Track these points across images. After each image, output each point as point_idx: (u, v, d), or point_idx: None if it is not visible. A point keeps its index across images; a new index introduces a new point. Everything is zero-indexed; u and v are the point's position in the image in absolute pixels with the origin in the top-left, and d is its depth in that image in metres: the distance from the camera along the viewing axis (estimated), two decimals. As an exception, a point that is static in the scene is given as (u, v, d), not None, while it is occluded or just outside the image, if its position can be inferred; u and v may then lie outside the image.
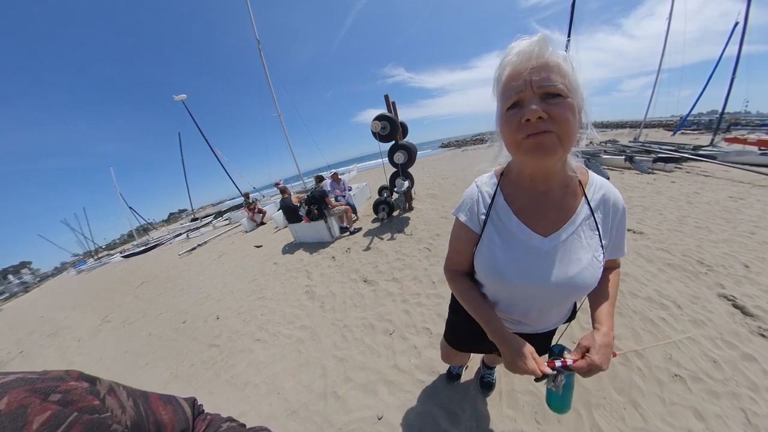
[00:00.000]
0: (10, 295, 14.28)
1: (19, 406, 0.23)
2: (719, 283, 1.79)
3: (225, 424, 0.41)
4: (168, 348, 2.40)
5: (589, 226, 0.54)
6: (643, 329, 1.51)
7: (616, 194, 0.55)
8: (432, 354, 1.57)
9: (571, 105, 0.42)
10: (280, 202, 4.49)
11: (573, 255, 0.53)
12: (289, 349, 1.92)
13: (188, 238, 9.09)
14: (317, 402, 1.45)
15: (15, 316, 6.27)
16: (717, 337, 1.41)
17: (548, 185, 0.53)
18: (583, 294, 0.56)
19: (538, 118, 0.41)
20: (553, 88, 0.41)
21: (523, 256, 0.55)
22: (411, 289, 2.27)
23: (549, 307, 0.63)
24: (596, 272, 0.53)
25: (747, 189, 3.57)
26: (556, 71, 0.41)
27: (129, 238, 24.30)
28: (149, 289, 4.44)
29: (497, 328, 0.58)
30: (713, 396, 1.14)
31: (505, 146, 0.50)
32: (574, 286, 0.53)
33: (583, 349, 0.52)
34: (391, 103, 3.92)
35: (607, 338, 0.53)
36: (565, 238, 0.53)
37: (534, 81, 0.41)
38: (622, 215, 0.55)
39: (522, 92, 0.42)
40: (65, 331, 3.74)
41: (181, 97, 11.17)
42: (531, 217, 0.55)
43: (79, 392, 0.28)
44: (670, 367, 1.28)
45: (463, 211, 0.63)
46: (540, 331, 0.69)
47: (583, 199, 0.54)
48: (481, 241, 0.60)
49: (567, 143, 0.43)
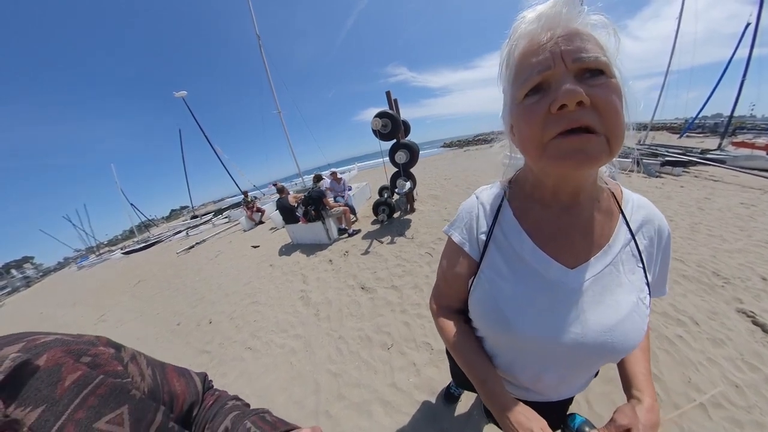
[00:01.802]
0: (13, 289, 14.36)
1: (56, 364, 0.26)
2: (737, 298, 1.69)
3: (231, 401, 0.43)
4: (163, 350, 2.36)
5: (629, 255, 0.40)
6: (660, 348, 1.41)
7: (660, 216, 0.43)
8: (432, 372, 1.48)
9: (618, 89, 0.30)
10: (277, 201, 4.40)
11: (610, 297, 0.38)
12: (282, 360, 1.83)
13: (188, 236, 9.06)
14: (308, 420, 1.36)
15: (16, 312, 6.30)
16: (738, 357, 1.31)
17: (576, 199, 0.39)
18: (621, 356, 0.40)
19: (578, 104, 0.28)
20: (593, 61, 0.28)
21: (537, 295, 0.40)
22: (411, 298, 2.18)
23: (570, 371, 0.45)
24: (642, 323, 0.39)
25: (758, 195, 3.47)
26: (594, 41, 0.29)
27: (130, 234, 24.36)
28: (146, 288, 4.40)
29: (496, 391, 0.43)
30: (736, 425, 1.05)
31: (521, 149, 0.37)
32: (612, 343, 0.38)
33: (619, 429, 0.37)
34: (393, 100, 3.80)
35: (653, 416, 0.39)
36: (599, 271, 0.39)
37: (565, 51, 0.28)
38: (668, 243, 0.43)
39: (550, 68, 0.29)
40: (63, 329, 3.69)
41: (182, 94, 11.12)
42: (551, 240, 0.41)
43: (106, 357, 0.30)
44: (688, 392, 1.19)
45: (458, 228, 0.48)
46: (553, 400, 0.50)
47: (621, 219, 0.41)
48: (481, 271, 0.45)
49: (615, 144, 0.30)
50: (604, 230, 0.41)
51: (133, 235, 20.77)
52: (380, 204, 4.09)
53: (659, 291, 0.46)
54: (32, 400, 0.23)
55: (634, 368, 0.44)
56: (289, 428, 0.37)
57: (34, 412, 0.23)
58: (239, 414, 0.39)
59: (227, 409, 0.40)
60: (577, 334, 0.39)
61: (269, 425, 0.37)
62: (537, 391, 0.49)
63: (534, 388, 0.48)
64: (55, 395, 0.24)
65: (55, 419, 0.23)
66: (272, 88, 9.91)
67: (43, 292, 8.18)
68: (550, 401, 0.50)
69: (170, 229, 14.01)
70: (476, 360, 0.47)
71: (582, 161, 0.30)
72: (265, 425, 0.37)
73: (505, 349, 0.47)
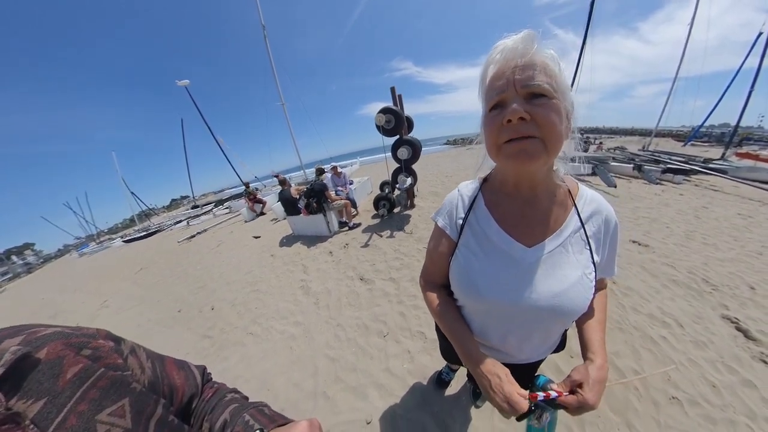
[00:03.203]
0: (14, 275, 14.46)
1: (57, 356, 0.25)
2: (723, 304, 1.75)
3: (230, 394, 0.43)
4: (164, 335, 2.41)
5: (578, 239, 0.49)
6: (643, 347, 1.47)
7: (608, 208, 0.51)
8: (425, 360, 1.55)
9: (556, 106, 0.39)
10: (279, 193, 4.44)
11: (559, 270, 0.48)
12: (282, 345, 1.90)
13: (188, 225, 9.11)
14: (307, 401, 1.44)
15: (18, 297, 6.35)
16: (718, 360, 1.37)
17: (534, 193, 0.49)
18: (569, 318, 0.51)
19: (520, 119, 0.38)
20: (537, 87, 0.38)
21: (501, 268, 0.50)
22: (408, 290, 2.24)
23: (530, 332, 0.55)
24: (586, 293, 0.48)
25: (756, 207, 3.49)
26: (542, 70, 0.38)
27: (130, 222, 24.40)
28: (148, 276, 4.45)
29: (471, 350, 0.52)
30: (710, 422, 1.11)
31: (487, 149, 0.47)
32: (560, 306, 0.47)
33: (574, 384, 0.46)
34: (397, 96, 3.80)
35: (602, 373, 0.48)
36: (551, 250, 0.48)
37: (517, 80, 0.38)
38: (615, 231, 0.51)
39: (504, 92, 0.40)
40: (64, 314, 3.77)
41: (185, 83, 10.98)
42: (514, 225, 0.51)
43: (107, 350, 0.30)
44: (667, 389, 1.25)
45: (442, 215, 0.59)
46: (522, 362, 0.61)
47: (573, 210, 0.50)
48: (458, 249, 0.55)
49: (552, 148, 0.40)
50: (558, 219, 0.50)
51: (133, 223, 20.83)
52: (381, 199, 4.13)
53: (608, 271, 0.55)
54: (34, 393, 0.23)
55: (591, 336, 0.54)
56: (287, 422, 0.37)
57: (35, 405, 0.23)
58: (238, 407, 0.39)
59: (226, 401, 0.41)
60: (531, 299, 0.48)
61: (267, 418, 0.37)
62: (505, 351, 0.59)
63: (503, 349, 0.59)
64: (57, 388, 0.24)
65: (57, 411, 0.23)
66: (276, 80, 9.82)
67: (45, 279, 8.24)
68: (520, 363, 0.60)
69: (171, 218, 14.06)
70: (456, 325, 0.57)
71: (524, 159, 0.40)
72: (263, 418, 0.37)
73: (478, 314, 0.57)
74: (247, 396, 0.45)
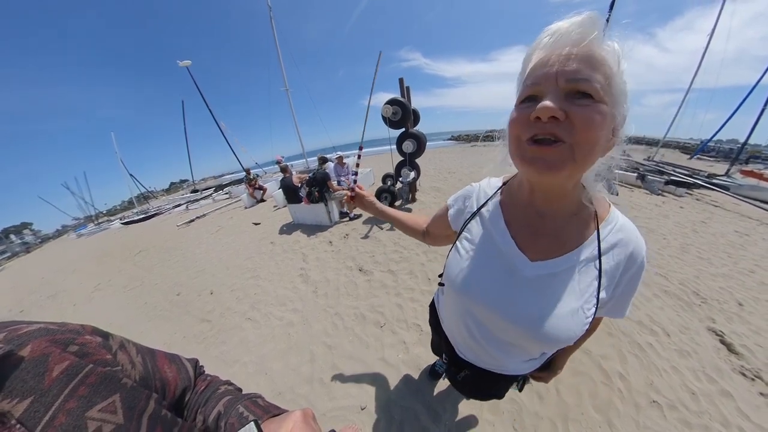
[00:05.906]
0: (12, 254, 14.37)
1: (42, 354, 0.25)
2: (711, 317, 1.80)
3: (223, 386, 0.43)
4: (162, 318, 2.43)
5: (590, 269, 0.42)
6: (630, 352, 1.53)
7: (638, 242, 0.43)
8: (420, 351, 1.60)
9: (602, 111, 0.31)
10: (281, 181, 4.41)
11: (555, 295, 0.43)
12: (280, 332, 1.95)
13: (187, 210, 9.04)
14: (303, 386, 1.49)
15: (17, 276, 6.30)
16: (699, 369, 1.43)
17: (551, 208, 0.43)
18: (549, 347, 0.47)
19: (551, 118, 0.31)
20: (584, 84, 0.31)
21: (498, 273, 0.46)
22: (406, 283, 2.28)
23: (506, 344, 0.52)
24: (576, 328, 0.42)
25: (754, 226, 3.52)
26: (597, 65, 0.31)
27: (129, 205, 24.19)
28: (146, 258, 4.44)
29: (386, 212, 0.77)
30: (686, 426, 1.17)
31: (509, 145, 0.40)
32: (541, 332, 0.42)
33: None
34: (405, 87, 3.72)
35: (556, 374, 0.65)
36: (554, 272, 0.43)
37: (561, 72, 0.31)
38: (638, 270, 0.43)
39: (539, 84, 0.33)
40: (63, 294, 3.77)
41: (186, 63, 10.58)
42: (522, 234, 0.46)
43: (94, 346, 0.29)
44: (649, 393, 1.31)
45: (456, 197, 0.62)
46: (494, 370, 0.59)
47: (594, 236, 0.42)
48: (459, 239, 0.53)
49: (582, 159, 0.33)
50: (573, 240, 0.43)
51: (132, 205, 20.62)
52: (383, 191, 4.12)
53: (617, 312, 0.47)
54: (19, 392, 0.22)
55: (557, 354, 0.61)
56: (281, 413, 0.37)
57: (21, 404, 0.22)
58: (232, 398, 0.39)
59: (219, 393, 0.40)
60: (515, 313, 0.45)
61: (261, 409, 0.37)
62: (477, 353, 0.59)
63: (475, 350, 0.59)
64: (43, 386, 0.23)
65: (45, 410, 0.22)
66: (281, 64, 9.53)
67: (43, 258, 8.15)
68: (497, 372, 0.60)
69: (170, 201, 13.93)
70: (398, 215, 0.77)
71: (542, 168, 0.34)
72: (258, 409, 0.37)
73: (456, 309, 0.59)
74: (240, 388, 0.45)
